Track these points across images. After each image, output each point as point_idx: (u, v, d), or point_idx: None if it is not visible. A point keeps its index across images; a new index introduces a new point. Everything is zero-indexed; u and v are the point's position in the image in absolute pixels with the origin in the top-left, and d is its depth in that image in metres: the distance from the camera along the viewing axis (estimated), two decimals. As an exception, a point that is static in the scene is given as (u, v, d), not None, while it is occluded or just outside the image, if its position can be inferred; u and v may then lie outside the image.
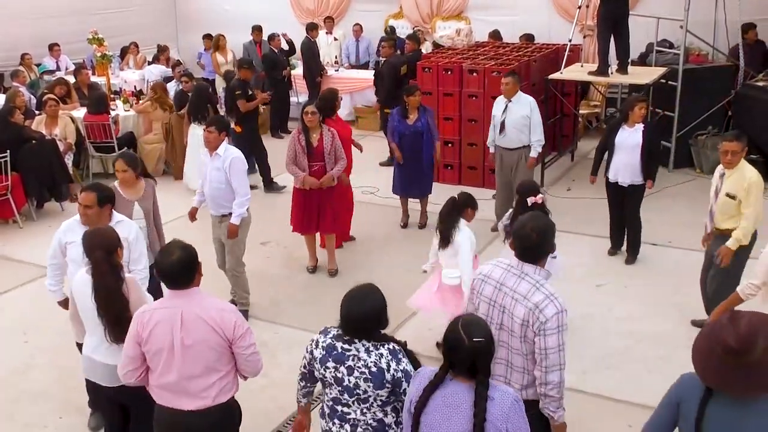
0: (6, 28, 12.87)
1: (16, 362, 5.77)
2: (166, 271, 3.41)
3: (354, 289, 3.35)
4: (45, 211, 9.05)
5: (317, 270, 7.20)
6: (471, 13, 13.39)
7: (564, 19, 12.02)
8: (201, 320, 3.38)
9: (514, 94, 7.64)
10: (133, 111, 10.54)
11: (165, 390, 3.50)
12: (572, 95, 10.59)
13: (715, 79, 9.85)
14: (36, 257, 7.50)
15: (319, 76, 12.50)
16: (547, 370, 3.34)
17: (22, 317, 6.48)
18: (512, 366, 3.48)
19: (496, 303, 3.46)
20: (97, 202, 4.49)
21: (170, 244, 3.53)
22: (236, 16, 14.69)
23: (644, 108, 6.87)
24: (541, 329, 3.29)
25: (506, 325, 3.42)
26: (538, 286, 3.36)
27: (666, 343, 5.75)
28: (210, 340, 3.39)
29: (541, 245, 3.43)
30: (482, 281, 3.55)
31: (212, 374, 3.46)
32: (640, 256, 7.17)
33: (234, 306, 3.63)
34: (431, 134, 7.92)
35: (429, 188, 8.19)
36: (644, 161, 6.79)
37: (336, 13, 14.23)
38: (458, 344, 2.80)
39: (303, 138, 6.68)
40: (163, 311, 3.44)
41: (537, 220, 3.51)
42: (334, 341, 3.27)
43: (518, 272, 3.43)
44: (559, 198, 8.95)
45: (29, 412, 5.16)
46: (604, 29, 9.03)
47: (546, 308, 3.29)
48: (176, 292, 3.45)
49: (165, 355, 3.42)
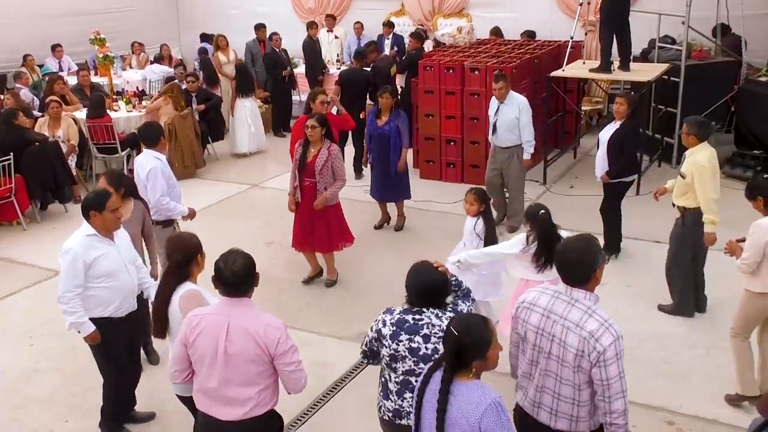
0: (8, 29, 12.88)
1: (22, 366, 5.79)
2: (227, 278, 3.40)
3: (417, 264, 3.57)
4: (49, 213, 9.07)
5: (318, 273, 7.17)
6: (472, 10, 13.38)
7: (566, 16, 12.00)
8: (246, 332, 3.38)
9: (507, 95, 7.68)
10: (145, 110, 10.50)
11: (205, 396, 3.52)
12: (574, 92, 10.59)
13: (718, 74, 9.82)
14: (40, 260, 7.54)
15: (321, 74, 12.51)
16: (611, 400, 3.19)
17: (26, 320, 6.50)
18: (560, 397, 3.31)
19: (544, 331, 3.30)
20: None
21: (231, 251, 3.50)
22: (237, 16, 14.71)
23: (622, 104, 6.86)
24: (599, 359, 3.13)
25: (556, 354, 3.27)
26: (590, 313, 3.20)
27: (669, 344, 5.76)
28: (252, 352, 3.39)
29: (581, 267, 3.25)
30: (528, 309, 3.39)
31: (252, 386, 3.45)
32: (641, 255, 7.18)
33: (282, 323, 3.49)
34: (399, 139, 7.71)
35: (403, 193, 8.04)
36: (609, 157, 6.88)
37: (337, 11, 14.22)
38: (448, 339, 2.95)
39: (300, 151, 6.57)
40: (212, 317, 3.45)
41: (580, 242, 3.34)
42: (403, 315, 3.46)
43: (567, 299, 3.27)
44: (561, 195, 8.96)
45: (35, 416, 5.19)
46: (606, 26, 9.03)
47: (602, 337, 3.14)
48: (230, 300, 3.44)
49: (208, 361, 3.44)
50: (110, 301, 4.52)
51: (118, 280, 4.51)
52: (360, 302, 6.51)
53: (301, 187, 6.60)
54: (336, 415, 5.05)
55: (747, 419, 4.80)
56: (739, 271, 4.79)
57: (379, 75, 10.29)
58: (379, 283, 6.86)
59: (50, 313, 6.07)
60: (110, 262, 4.46)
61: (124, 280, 4.56)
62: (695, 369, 5.44)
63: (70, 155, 9.30)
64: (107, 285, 4.47)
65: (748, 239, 4.72)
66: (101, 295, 4.48)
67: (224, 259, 3.46)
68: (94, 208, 4.41)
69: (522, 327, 3.41)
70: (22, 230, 8.57)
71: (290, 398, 4.70)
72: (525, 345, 3.42)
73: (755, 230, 4.67)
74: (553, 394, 3.33)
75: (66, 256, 4.40)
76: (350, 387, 5.39)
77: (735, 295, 6.05)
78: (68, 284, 4.39)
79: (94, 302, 4.48)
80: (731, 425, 4.85)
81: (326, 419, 5.04)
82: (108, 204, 4.42)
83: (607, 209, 7.21)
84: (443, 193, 9.09)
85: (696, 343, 5.78)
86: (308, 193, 6.58)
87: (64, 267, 4.41)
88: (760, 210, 4.84)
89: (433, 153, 9.80)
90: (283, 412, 5.00)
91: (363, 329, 6.05)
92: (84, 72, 11.59)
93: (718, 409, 4.95)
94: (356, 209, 8.07)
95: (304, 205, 6.66)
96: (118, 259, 4.53)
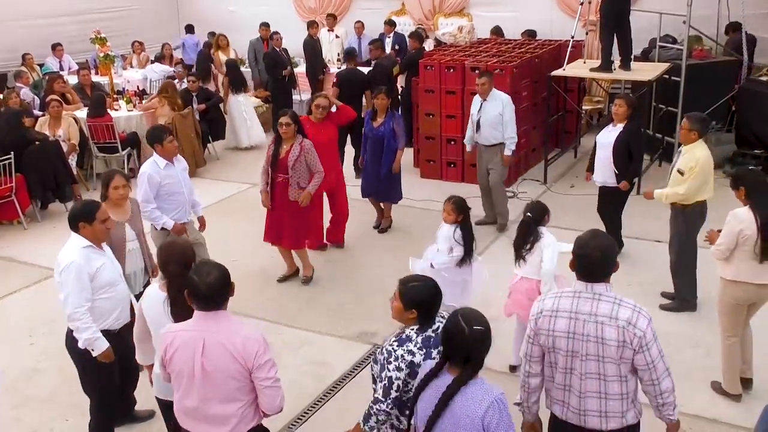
0: (8, 28, 12.89)
1: (22, 365, 5.80)
2: (201, 292, 3.25)
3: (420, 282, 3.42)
4: (49, 213, 9.08)
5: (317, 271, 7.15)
6: (473, 9, 13.39)
7: (566, 15, 12.00)
8: (223, 347, 3.25)
9: (489, 93, 7.69)
10: (140, 110, 10.55)
11: (186, 415, 3.41)
12: (575, 91, 10.58)
13: (719, 74, 9.82)
14: (40, 259, 7.54)
15: (322, 74, 12.50)
16: (659, 381, 3.24)
17: (27, 319, 6.50)
18: (608, 396, 3.27)
19: (575, 334, 3.24)
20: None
21: (204, 263, 3.39)
22: (237, 16, 14.71)
23: (621, 106, 6.77)
24: (641, 344, 3.16)
25: (594, 354, 3.22)
26: (618, 302, 3.22)
27: (670, 343, 5.73)
28: (230, 368, 3.27)
29: (607, 263, 3.27)
30: (550, 317, 3.30)
31: (233, 403, 3.34)
32: (641, 255, 7.18)
33: (261, 336, 3.39)
34: (394, 140, 7.70)
35: (395, 195, 8.02)
36: (615, 161, 6.78)
37: (338, 11, 14.22)
38: (457, 332, 2.93)
39: (272, 148, 6.65)
40: (186, 334, 3.32)
41: (598, 238, 3.32)
42: (422, 334, 3.31)
43: (590, 295, 3.25)
44: (562, 195, 8.95)
45: (35, 415, 5.19)
46: (607, 25, 9.02)
47: (638, 321, 3.16)
48: (205, 314, 3.30)
49: (185, 380, 3.34)
50: (110, 313, 4.40)
51: (116, 290, 4.42)
52: (360, 302, 6.51)
53: (273, 183, 6.63)
54: (336, 415, 5.04)
55: (747, 419, 4.82)
56: (714, 257, 4.97)
57: (381, 73, 10.29)
58: (379, 282, 6.84)
59: (50, 312, 6.08)
60: (109, 272, 4.37)
61: (121, 289, 4.48)
62: (697, 368, 5.44)
63: (70, 154, 9.30)
64: (108, 296, 4.35)
65: (724, 227, 4.90)
66: (103, 307, 4.35)
67: (197, 271, 3.30)
68: (84, 219, 4.28)
69: (548, 337, 3.31)
70: (22, 229, 8.58)
71: (290, 398, 4.70)
72: (554, 355, 3.33)
73: (731, 219, 4.84)
74: (599, 396, 3.28)
75: (68, 271, 4.20)
76: (350, 386, 5.39)
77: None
78: (78, 299, 4.21)
79: (95, 315, 4.33)
80: (732, 425, 4.85)
81: (326, 419, 5.03)
82: (98, 214, 4.29)
83: (608, 216, 7.11)
84: (444, 193, 8.90)
85: (698, 343, 5.79)
86: (280, 189, 6.64)
87: (69, 282, 4.20)
88: (741, 199, 4.94)
89: (433, 152, 9.80)
90: (284, 412, 5.03)
91: (363, 329, 6.11)
92: (85, 71, 11.60)
93: (719, 408, 4.95)
94: (356, 209, 8.06)
95: (275, 201, 6.71)
96: (113, 268, 4.44)
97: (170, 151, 5.98)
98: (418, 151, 10.08)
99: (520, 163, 9.75)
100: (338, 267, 7.30)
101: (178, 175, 6.06)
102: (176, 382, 3.40)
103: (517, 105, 9.35)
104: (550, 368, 3.39)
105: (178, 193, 6.07)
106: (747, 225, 4.75)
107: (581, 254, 3.26)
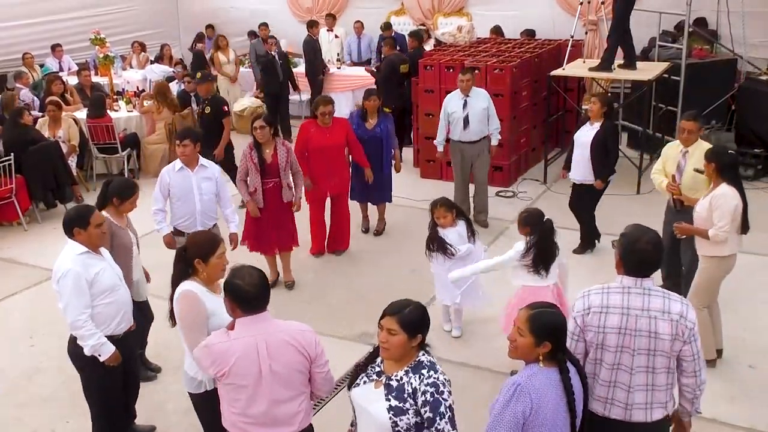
0: (8, 29, 12.89)
1: (23, 366, 5.81)
2: (250, 294, 3.21)
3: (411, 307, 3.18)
4: (49, 214, 9.07)
5: (318, 272, 7.18)
6: (472, 8, 13.38)
7: (566, 14, 11.98)
8: (286, 344, 3.26)
9: (471, 88, 7.80)
10: (137, 112, 10.57)
11: (253, 424, 3.31)
12: (575, 91, 10.58)
13: (718, 73, 9.82)
14: (41, 260, 7.54)
15: (321, 74, 12.49)
16: (700, 371, 3.32)
17: (28, 321, 6.51)
18: (654, 387, 3.31)
19: (627, 329, 3.25)
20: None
21: (242, 267, 3.31)
22: (236, 16, 14.72)
23: (595, 104, 6.94)
24: (691, 336, 3.24)
25: (645, 348, 3.25)
26: (668, 296, 3.27)
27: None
28: (297, 362, 3.29)
29: (659, 258, 3.30)
30: (601, 313, 3.28)
31: (299, 398, 3.37)
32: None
33: (308, 326, 3.43)
34: (390, 141, 7.73)
35: (388, 195, 8.01)
36: (593, 159, 6.90)
37: (334, 10, 14.20)
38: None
39: (255, 154, 6.39)
40: (241, 342, 3.23)
41: (648, 232, 3.32)
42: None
43: (640, 290, 3.27)
44: (562, 194, 8.93)
45: (36, 415, 5.20)
46: (619, 27, 8.93)
47: (689, 314, 3.24)
48: (252, 318, 3.25)
49: (251, 387, 3.24)
50: (112, 318, 4.33)
51: (117, 295, 4.35)
52: (361, 302, 6.52)
53: (263, 189, 6.44)
54: (336, 415, 5.04)
55: (747, 419, 4.83)
56: (714, 240, 5.00)
57: (390, 69, 10.33)
58: (380, 283, 6.88)
59: (51, 313, 6.06)
60: (108, 277, 4.29)
61: (122, 293, 4.40)
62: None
63: (70, 155, 9.31)
64: (109, 301, 4.28)
65: (716, 211, 4.97)
66: (104, 313, 4.29)
67: (237, 275, 3.25)
68: (78, 225, 4.19)
69: (597, 334, 3.30)
70: (23, 230, 8.59)
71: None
72: (601, 352, 3.32)
73: (721, 200, 4.96)
74: (645, 389, 3.31)
75: (66, 279, 4.13)
76: (351, 387, 5.38)
77: (736, 294, 6.09)
78: (78, 307, 4.15)
79: (98, 321, 4.26)
80: (731, 424, 4.85)
81: (326, 419, 5.03)
82: (92, 219, 4.21)
83: (583, 209, 7.29)
84: (444, 193, 8.90)
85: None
86: (272, 195, 6.49)
87: (67, 291, 4.13)
88: (709, 175, 5.10)
89: (433, 152, 9.67)
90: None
91: (364, 329, 6.13)
92: (85, 72, 11.59)
93: (717, 408, 4.94)
94: (356, 210, 8.06)
95: (267, 208, 6.53)
96: (113, 273, 4.37)
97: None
98: (418, 151, 10.08)
99: (520, 163, 9.76)
100: (339, 267, 7.30)
101: (192, 181, 5.86)
102: (236, 393, 3.27)
103: (517, 105, 9.39)
104: (594, 365, 3.36)
105: (186, 199, 5.87)
106: (738, 200, 4.98)
107: (634, 250, 3.27)
